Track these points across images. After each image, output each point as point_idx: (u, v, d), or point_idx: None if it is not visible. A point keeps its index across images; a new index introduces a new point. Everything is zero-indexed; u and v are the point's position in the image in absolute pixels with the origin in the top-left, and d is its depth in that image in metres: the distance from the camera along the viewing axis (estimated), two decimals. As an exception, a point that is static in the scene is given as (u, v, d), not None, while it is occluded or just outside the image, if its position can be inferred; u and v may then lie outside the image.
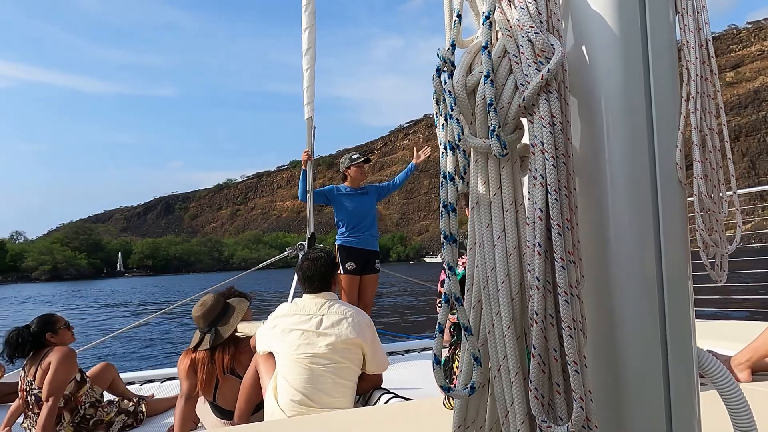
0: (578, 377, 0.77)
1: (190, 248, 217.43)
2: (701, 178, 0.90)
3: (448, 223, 0.83)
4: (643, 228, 0.87)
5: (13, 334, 3.58)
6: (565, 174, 0.81)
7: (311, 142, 5.63)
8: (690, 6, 0.92)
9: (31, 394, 3.48)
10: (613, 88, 0.88)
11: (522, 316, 0.83)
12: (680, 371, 0.87)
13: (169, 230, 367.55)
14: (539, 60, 0.83)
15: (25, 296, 50.70)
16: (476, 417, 0.88)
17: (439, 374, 0.80)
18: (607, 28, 0.88)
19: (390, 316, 18.51)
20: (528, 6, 0.85)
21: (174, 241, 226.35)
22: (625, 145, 0.87)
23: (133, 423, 3.90)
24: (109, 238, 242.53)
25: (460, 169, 0.87)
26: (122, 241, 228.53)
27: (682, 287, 0.89)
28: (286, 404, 2.85)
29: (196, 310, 3.49)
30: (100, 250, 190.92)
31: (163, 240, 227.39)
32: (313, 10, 5.25)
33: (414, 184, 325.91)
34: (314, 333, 2.98)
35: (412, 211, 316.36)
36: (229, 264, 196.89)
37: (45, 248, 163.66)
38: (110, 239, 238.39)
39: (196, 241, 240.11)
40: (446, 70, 0.89)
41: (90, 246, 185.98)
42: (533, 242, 0.80)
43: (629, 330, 0.86)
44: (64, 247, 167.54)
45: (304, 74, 5.39)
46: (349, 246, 5.87)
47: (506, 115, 0.85)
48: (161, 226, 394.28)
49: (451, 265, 0.83)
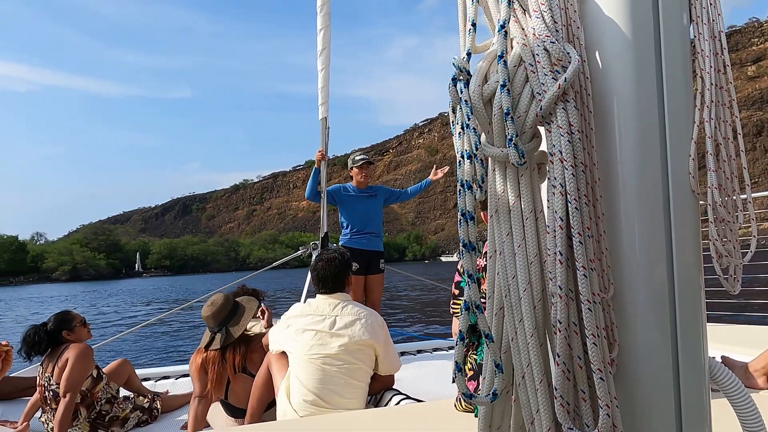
0: (604, 384, 0.77)
1: (206, 248, 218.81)
2: (715, 188, 0.90)
3: (467, 231, 0.84)
4: (655, 237, 0.87)
5: (31, 331, 3.65)
6: (584, 182, 0.82)
7: (325, 141, 5.65)
8: (705, 14, 0.91)
9: (49, 390, 3.54)
10: (626, 95, 0.88)
11: (545, 323, 0.84)
12: (691, 380, 0.87)
13: (186, 231, 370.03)
14: (556, 69, 0.83)
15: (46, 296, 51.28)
16: (501, 423, 0.89)
17: (461, 382, 0.81)
18: (620, 36, 0.88)
19: (398, 315, 18.48)
20: (543, 15, 0.85)
21: (191, 241, 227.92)
22: (637, 153, 0.87)
23: (148, 419, 3.95)
24: (127, 239, 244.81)
25: (478, 177, 0.87)
26: (140, 242, 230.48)
27: (693, 297, 0.88)
28: (298, 404, 2.87)
29: (205, 310, 3.50)
30: (118, 250, 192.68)
31: (180, 240, 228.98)
32: (327, 12, 5.26)
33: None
34: (327, 334, 2.99)
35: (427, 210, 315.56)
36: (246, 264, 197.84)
37: (65, 249, 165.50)
38: (129, 240, 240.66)
39: (213, 242, 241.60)
40: (462, 79, 0.90)
41: (109, 247, 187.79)
42: (554, 251, 0.80)
43: (640, 339, 0.87)
44: (84, 248, 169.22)
45: (318, 75, 5.41)
46: (352, 247, 5.88)
47: (523, 124, 0.85)
48: (179, 226, 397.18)
49: (471, 273, 0.83)
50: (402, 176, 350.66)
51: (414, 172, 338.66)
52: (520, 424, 0.86)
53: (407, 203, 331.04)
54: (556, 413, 0.79)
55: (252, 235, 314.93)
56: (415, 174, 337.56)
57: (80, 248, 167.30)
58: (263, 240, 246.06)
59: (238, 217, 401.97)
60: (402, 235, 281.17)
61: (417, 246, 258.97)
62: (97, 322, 20.94)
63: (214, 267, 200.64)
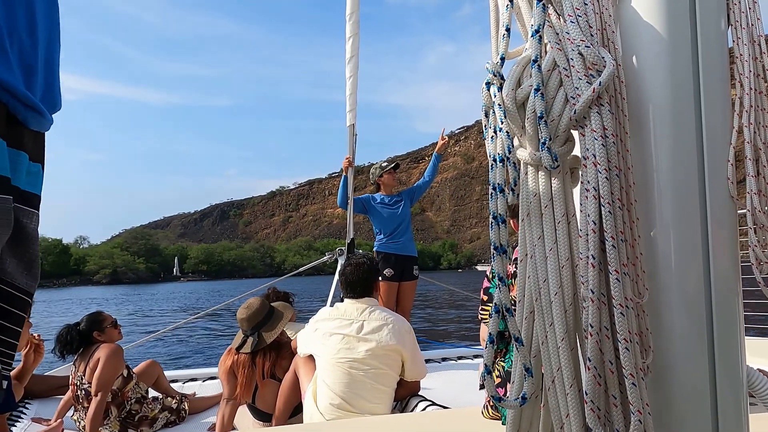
0: (636, 390, 0.76)
1: (243, 254, 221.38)
2: (755, 194, 0.88)
3: (498, 234, 0.84)
4: (692, 243, 0.86)
5: (63, 331, 3.76)
6: (618, 187, 0.81)
7: (353, 149, 5.70)
8: (743, 19, 0.90)
9: (81, 389, 3.63)
10: (662, 100, 0.87)
11: (575, 327, 0.83)
12: (728, 389, 0.85)
13: (223, 236, 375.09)
14: (590, 73, 0.83)
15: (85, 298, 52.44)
16: (530, 428, 0.89)
17: (490, 384, 0.81)
18: (657, 40, 0.88)
19: (424, 323, 18.35)
20: (578, 20, 0.85)
21: (228, 246, 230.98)
22: (673, 158, 0.86)
23: (176, 420, 4.00)
24: (166, 244, 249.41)
25: (510, 181, 0.87)
26: (179, 247, 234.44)
27: (731, 304, 0.87)
28: (325, 408, 2.88)
29: (241, 312, 3.53)
30: (157, 254, 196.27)
31: (217, 245, 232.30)
32: (356, 20, 5.32)
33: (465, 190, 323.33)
34: (355, 338, 3.01)
35: (463, 218, 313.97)
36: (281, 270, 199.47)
37: (106, 252, 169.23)
38: (168, 244, 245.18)
39: (249, 247, 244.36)
40: (495, 84, 0.90)
41: (148, 251, 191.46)
42: (587, 254, 0.79)
43: (676, 346, 0.85)
44: (124, 252, 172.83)
45: (346, 82, 5.48)
46: (387, 252, 5.94)
47: (557, 127, 0.85)
48: (216, 232, 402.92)
49: (501, 276, 0.83)
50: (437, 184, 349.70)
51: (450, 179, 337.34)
52: (550, 429, 0.85)
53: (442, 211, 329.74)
54: (586, 418, 0.78)
55: (287, 242, 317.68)
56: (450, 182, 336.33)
57: (121, 252, 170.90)
58: (298, 246, 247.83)
59: (274, 224, 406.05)
60: (437, 243, 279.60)
61: (452, 254, 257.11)
62: (140, 324, 21.31)
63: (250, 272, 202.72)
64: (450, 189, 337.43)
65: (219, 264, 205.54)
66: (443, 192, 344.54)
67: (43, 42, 1.02)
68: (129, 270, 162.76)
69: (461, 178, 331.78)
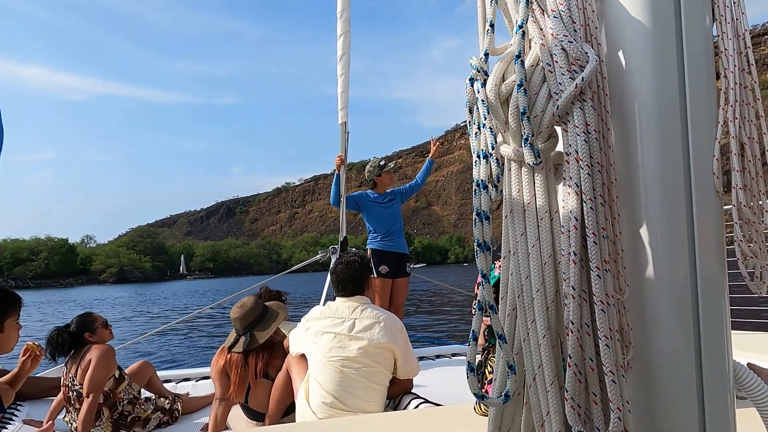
0: (615, 387, 0.76)
1: (249, 251, 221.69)
2: (740, 188, 0.88)
3: (482, 231, 0.84)
4: (677, 238, 0.85)
5: (54, 333, 3.74)
6: (600, 183, 0.81)
7: (345, 147, 5.69)
8: (728, 13, 0.89)
9: (72, 390, 3.63)
10: (647, 95, 0.86)
11: (557, 324, 0.83)
12: (715, 384, 0.85)
13: (230, 233, 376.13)
14: (573, 69, 0.82)
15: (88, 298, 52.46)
16: (512, 425, 0.88)
17: (473, 382, 0.81)
18: (641, 35, 0.87)
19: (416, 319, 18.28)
20: (561, 15, 0.85)
21: (234, 244, 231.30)
22: (659, 153, 0.86)
23: (168, 420, 4.00)
24: (173, 242, 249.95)
25: (494, 177, 0.87)
26: (185, 245, 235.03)
27: (717, 299, 0.86)
28: (317, 406, 2.89)
29: (234, 312, 3.52)
30: (164, 253, 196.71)
31: (223, 243, 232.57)
32: (347, 17, 5.31)
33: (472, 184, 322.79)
34: (346, 336, 3.01)
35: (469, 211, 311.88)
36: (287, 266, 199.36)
37: (112, 251, 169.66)
38: (174, 243, 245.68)
39: (255, 244, 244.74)
40: (479, 79, 0.90)
41: (154, 249, 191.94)
42: (568, 251, 0.79)
43: (663, 342, 0.85)
44: (130, 251, 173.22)
45: (338, 80, 5.45)
46: (381, 250, 5.95)
47: (540, 123, 0.84)
48: (223, 229, 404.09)
49: (485, 273, 0.83)
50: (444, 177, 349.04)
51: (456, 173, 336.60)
52: (531, 427, 0.85)
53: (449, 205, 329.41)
54: (566, 416, 0.78)
55: (293, 238, 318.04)
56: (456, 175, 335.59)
57: (127, 251, 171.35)
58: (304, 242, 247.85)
59: (280, 220, 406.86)
60: (444, 237, 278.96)
61: (459, 248, 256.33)
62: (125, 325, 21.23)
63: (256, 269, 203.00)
64: (456, 182, 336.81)
65: (225, 261, 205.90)
66: (449, 186, 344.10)
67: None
68: (135, 269, 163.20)
69: (467, 171, 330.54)
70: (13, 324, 2.74)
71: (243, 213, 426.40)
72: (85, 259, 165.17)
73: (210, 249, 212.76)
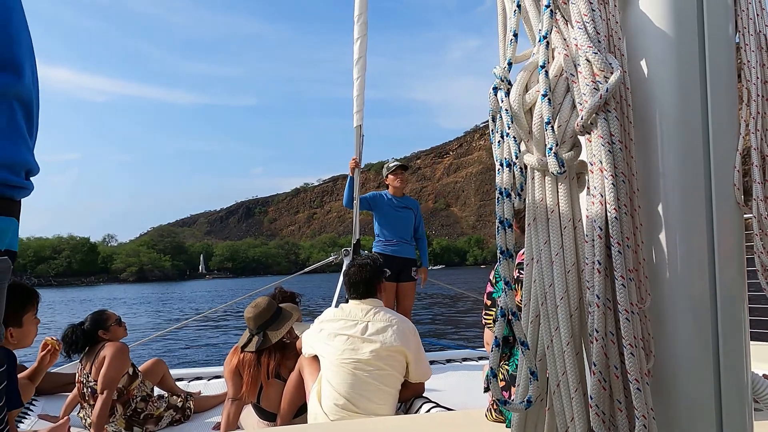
0: (640, 395, 0.77)
1: (267, 251, 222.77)
2: (761, 200, 0.88)
3: (505, 239, 0.85)
4: (697, 249, 0.85)
5: (69, 331, 3.81)
6: (625, 192, 0.81)
7: (359, 150, 5.71)
8: (752, 25, 0.89)
9: (87, 387, 3.69)
10: (669, 106, 0.87)
11: (581, 332, 0.84)
12: (733, 395, 0.85)
13: (249, 233, 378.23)
14: (597, 79, 0.83)
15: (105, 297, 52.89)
16: (534, 430, 0.89)
17: (496, 387, 0.82)
18: (664, 46, 0.87)
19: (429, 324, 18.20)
20: (586, 26, 0.85)
21: (253, 243, 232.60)
22: (680, 164, 0.86)
23: (181, 418, 4.04)
24: (192, 241, 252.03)
25: (517, 185, 0.88)
26: (204, 244, 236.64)
27: (736, 310, 0.87)
28: (329, 408, 2.91)
29: (248, 311, 3.56)
30: (183, 252, 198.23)
31: (242, 243, 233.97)
32: (365, 21, 5.33)
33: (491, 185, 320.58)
34: (359, 339, 3.02)
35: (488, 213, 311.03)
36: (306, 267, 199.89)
37: (132, 250, 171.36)
38: (194, 242, 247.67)
39: (274, 244, 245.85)
40: (503, 88, 0.91)
41: (174, 248, 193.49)
42: (592, 260, 0.80)
43: (682, 352, 0.85)
44: (150, 250, 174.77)
45: (354, 83, 5.47)
46: (384, 253, 5.94)
47: (564, 133, 0.85)
48: (242, 229, 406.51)
49: (507, 280, 0.84)
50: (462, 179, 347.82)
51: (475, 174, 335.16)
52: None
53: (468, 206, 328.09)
54: (591, 422, 0.79)
55: (312, 238, 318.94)
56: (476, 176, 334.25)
57: (147, 250, 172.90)
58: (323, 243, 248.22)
59: (299, 221, 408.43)
60: (462, 239, 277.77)
61: (478, 250, 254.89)
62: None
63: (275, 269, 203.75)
64: (475, 184, 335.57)
65: (244, 261, 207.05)
66: (468, 187, 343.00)
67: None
68: (155, 268, 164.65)
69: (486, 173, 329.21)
70: (32, 319, 2.79)
71: (262, 213, 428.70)
72: (106, 257, 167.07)
73: (229, 249, 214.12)
